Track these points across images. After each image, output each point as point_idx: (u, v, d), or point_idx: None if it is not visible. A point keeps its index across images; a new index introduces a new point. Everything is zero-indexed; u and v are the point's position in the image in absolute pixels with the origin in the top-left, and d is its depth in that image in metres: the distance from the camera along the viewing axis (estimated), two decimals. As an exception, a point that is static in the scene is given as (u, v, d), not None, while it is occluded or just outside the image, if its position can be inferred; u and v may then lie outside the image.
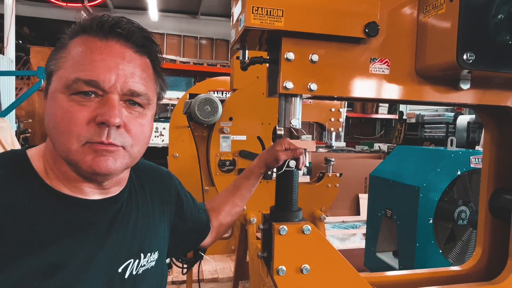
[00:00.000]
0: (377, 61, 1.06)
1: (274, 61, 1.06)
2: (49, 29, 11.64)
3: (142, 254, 0.88)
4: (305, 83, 1.01)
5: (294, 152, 1.09)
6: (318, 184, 2.38)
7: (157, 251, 0.94)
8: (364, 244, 3.01)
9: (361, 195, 5.73)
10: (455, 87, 1.10)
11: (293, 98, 1.08)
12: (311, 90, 1.01)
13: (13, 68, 7.34)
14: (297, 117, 1.09)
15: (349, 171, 5.24)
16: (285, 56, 0.99)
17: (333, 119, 2.51)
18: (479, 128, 8.22)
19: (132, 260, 0.86)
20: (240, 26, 0.99)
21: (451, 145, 2.49)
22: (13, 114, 6.25)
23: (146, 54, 0.82)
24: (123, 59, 0.76)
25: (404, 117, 10.74)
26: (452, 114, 9.35)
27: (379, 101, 1.28)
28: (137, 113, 0.79)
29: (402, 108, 11.75)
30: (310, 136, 1.15)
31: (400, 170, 2.63)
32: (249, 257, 2.31)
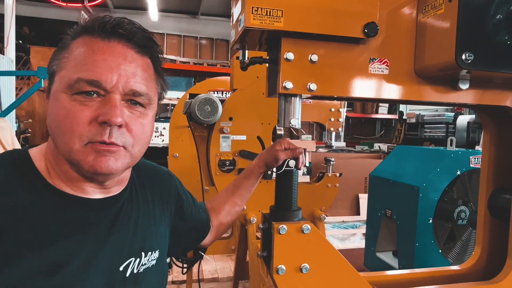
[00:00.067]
0: (376, 61, 1.06)
1: (273, 61, 1.06)
2: (49, 29, 11.64)
3: (143, 253, 0.89)
4: (305, 83, 1.01)
5: (294, 151, 1.09)
6: (318, 184, 2.38)
7: (158, 250, 0.94)
8: (364, 244, 3.02)
9: (361, 195, 5.74)
10: (454, 87, 1.11)
11: (293, 98, 1.08)
12: (310, 90, 1.01)
13: (13, 68, 7.34)
14: (297, 117, 1.09)
15: (349, 171, 5.25)
16: (285, 56, 0.99)
17: (333, 119, 2.51)
18: (479, 128, 8.22)
19: (133, 259, 0.86)
20: (240, 26, 0.99)
21: (450, 145, 2.50)
22: (13, 114, 6.25)
23: (147, 55, 0.83)
24: (125, 60, 0.77)
25: (404, 117, 10.73)
26: (452, 114, 9.34)
27: (378, 101, 1.29)
28: (138, 113, 0.80)
29: (402, 108, 11.74)
30: (310, 136, 1.15)
31: (400, 170, 2.64)
32: (249, 257, 2.31)
